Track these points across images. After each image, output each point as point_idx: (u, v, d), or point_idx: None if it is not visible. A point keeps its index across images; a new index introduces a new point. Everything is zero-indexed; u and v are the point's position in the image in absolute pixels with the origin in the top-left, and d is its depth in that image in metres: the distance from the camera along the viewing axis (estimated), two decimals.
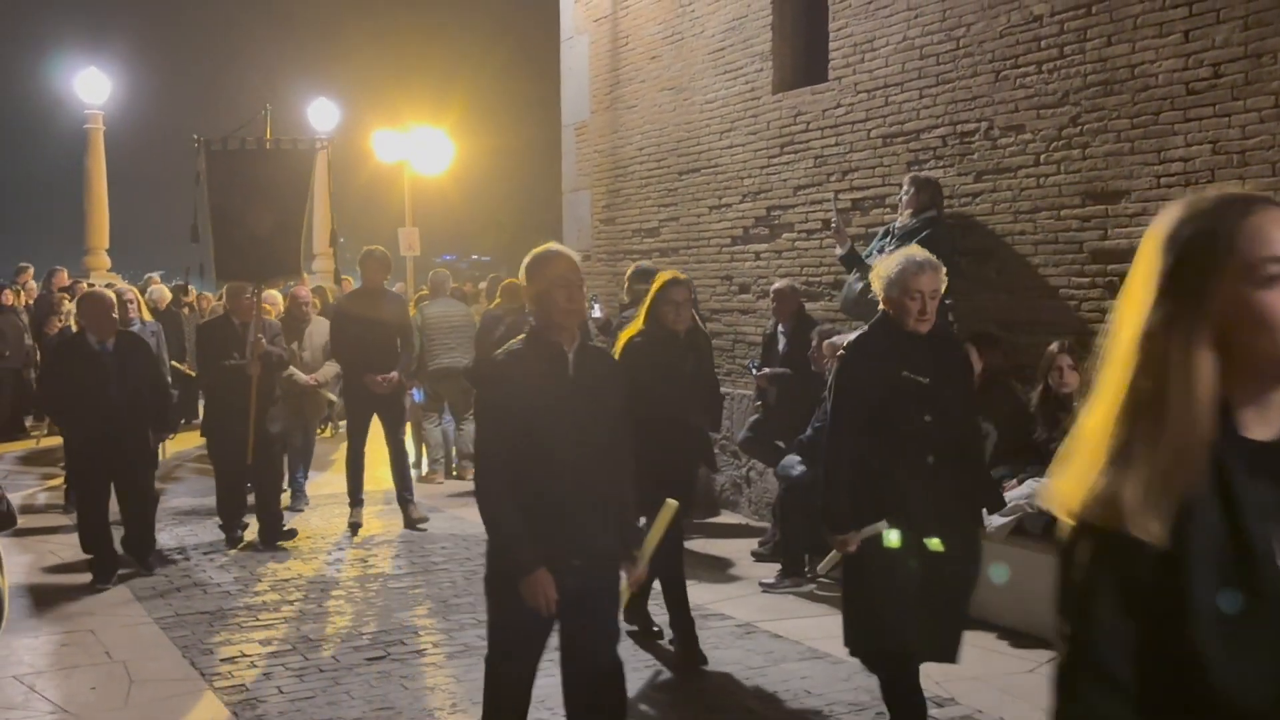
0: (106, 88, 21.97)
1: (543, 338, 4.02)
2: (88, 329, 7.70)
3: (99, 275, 19.26)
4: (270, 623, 6.80)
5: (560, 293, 3.93)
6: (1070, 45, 7.09)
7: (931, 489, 4.46)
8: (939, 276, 4.54)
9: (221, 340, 8.78)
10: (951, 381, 4.60)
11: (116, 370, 7.62)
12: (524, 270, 4.06)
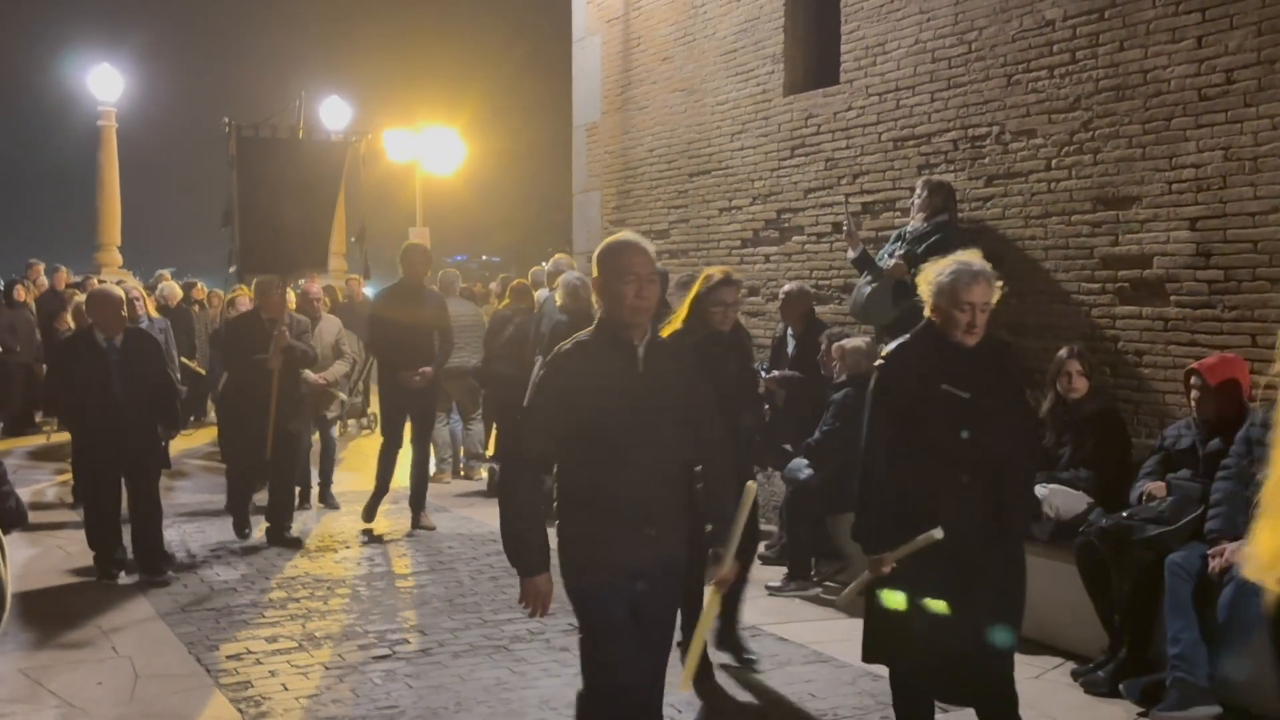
0: (120, 85, 22.04)
1: (611, 331, 3.81)
2: (96, 326, 7.65)
3: (110, 272, 19.34)
4: (276, 620, 6.81)
5: (629, 288, 3.73)
6: (1082, 50, 7.07)
7: (965, 510, 4.19)
8: (992, 288, 4.28)
9: (249, 337, 8.68)
10: (996, 396, 4.31)
11: (123, 368, 7.55)
12: (594, 260, 3.85)
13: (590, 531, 3.76)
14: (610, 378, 3.73)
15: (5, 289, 15.62)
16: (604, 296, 3.83)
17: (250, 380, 8.56)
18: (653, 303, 3.80)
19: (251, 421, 8.54)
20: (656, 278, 3.83)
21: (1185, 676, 5.14)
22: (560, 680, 5.78)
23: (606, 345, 3.79)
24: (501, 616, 6.88)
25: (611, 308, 3.79)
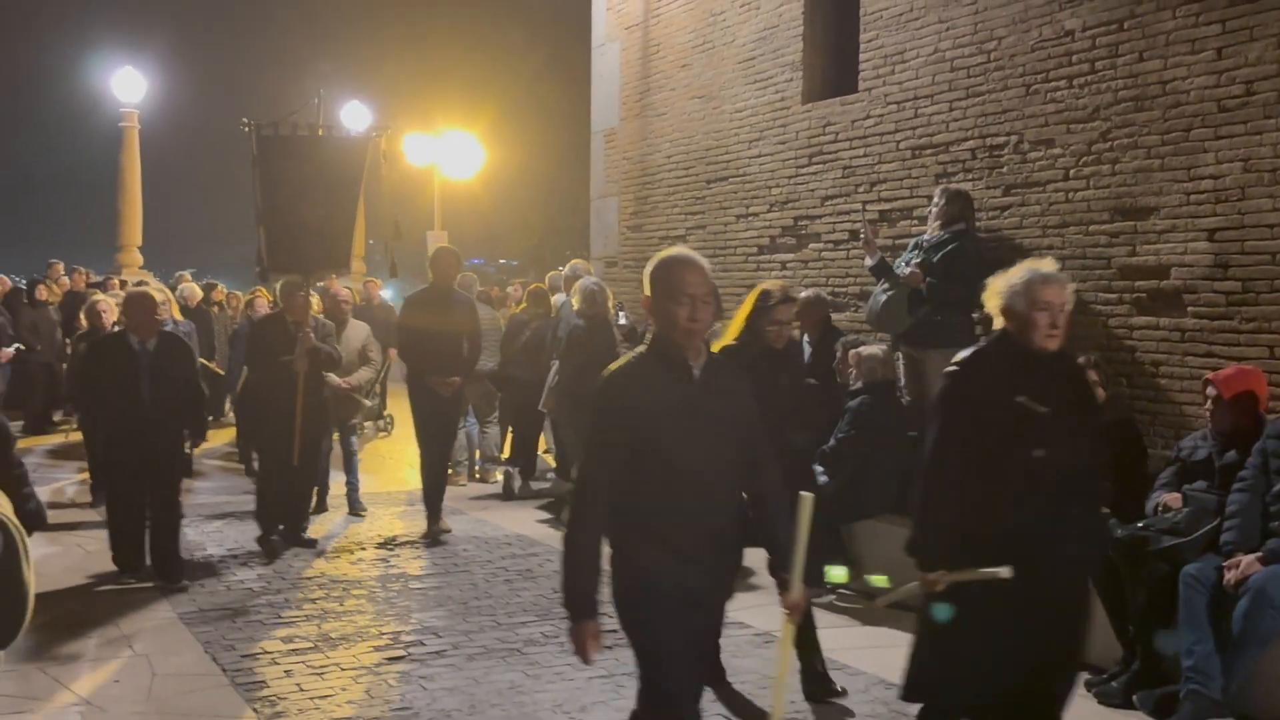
0: (142, 87, 22.19)
1: (664, 350, 3.61)
2: (130, 328, 7.63)
3: (130, 273, 19.45)
4: (292, 620, 6.85)
5: (682, 310, 3.53)
6: (1101, 60, 7.07)
7: (1037, 535, 3.97)
8: (1068, 292, 4.10)
9: (273, 339, 8.53)
10: (1075, 412, 4.10)
11: (153, 370, 7.50)
12: (646, 276, 3.65)
13: (647, 558, 3.57)
14: (666, 399, 3.55)
15: (28, 288, 15.74)
16: (656, 316, 3.63)
17: (273, 383, 8.42)
18: (706, 325, 3.61)
19: (276, 427, 8.41)
20: (711, 298, 3.63)
21: (1199, 689, 5.13)
22: (574, 684, 5.81)
23: (661, 365, 3.60)
24: (516, 619, 6.90)
25: (663, 328, 3.61)
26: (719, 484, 3.61)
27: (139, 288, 8.70)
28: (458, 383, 9.02)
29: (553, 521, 9.66)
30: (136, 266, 20.87)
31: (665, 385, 3.57)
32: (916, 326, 7.66)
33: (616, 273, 12.03)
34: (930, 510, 4.17)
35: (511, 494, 10.71)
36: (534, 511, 10.04)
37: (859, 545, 7.52)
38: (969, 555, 3.98)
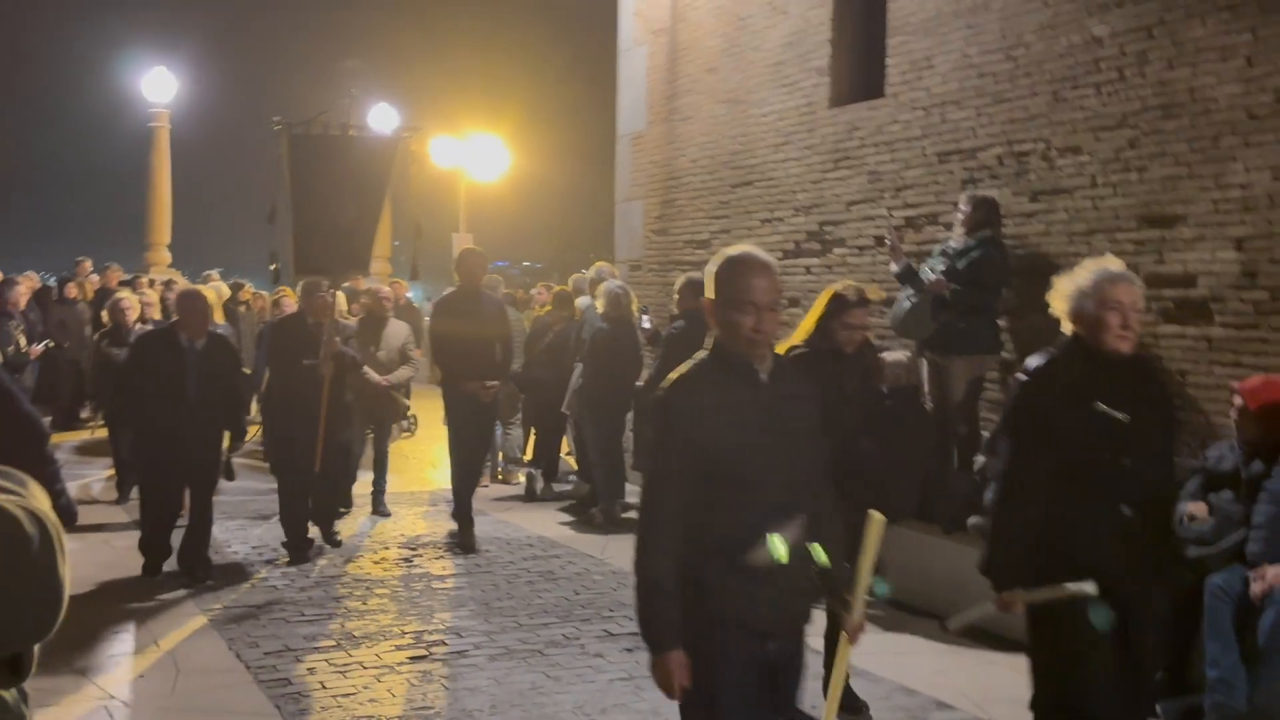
0: (173, 87, 22.36)
1: (727, 356, 3.32)
2: (180, 326, 7.57)
3: (159, 271, 19.61)
4: (315, 618, 6.89)
5: (747, 318, 3.24)
6: (1130, 68, 7.05)
7: (1126, 547, 3.80)
8: (1138, 291, 3.94)
9: (295, 340, 8.37)
10: (1154, 416, 3.93)
11: (200, 371, 7.47)
12: (710, 275, 3.37)
13: (715, 583, 3.23)
14: (734, 408, 3.27)
15: (58, 286, 15.88)
16: (718, 321, 3.34)
17: (296, 385, 8.25)
18: (772, 335, 3.32)
19: (300, 432, 8.21)
20: (778, 305, 3.36)
21: (1224, 700, 5.11)
22: (594, 686, 5.82)
23: (725, 372, 3.32)
24: (537, 621, 6.93)
25: (726, 335, 3.32)
26: (791, 500, 3.31)
27: (192, 286, 8.84)
28: (496, 387, 8.92)
29: (575, 524, 9.68)
30: (164, 265, 21.04)
31: (730, 394, 3.29)
32: (940, 332, 7.65)
33: (641, 276, 12.05)
34: (1005, 526, 3.99)
35: (534, 495, 10.74)
36: (556, 513, 10.07)
37: (883, 552, 7.49)
38: (1052, 573, 3.80)
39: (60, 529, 1.38)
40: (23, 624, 1.31)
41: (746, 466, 3.23)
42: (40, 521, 1.33)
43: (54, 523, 1.37)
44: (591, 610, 7.18)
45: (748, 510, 3.24)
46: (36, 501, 1.40)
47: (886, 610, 7.23)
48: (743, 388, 3.30)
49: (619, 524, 9.56)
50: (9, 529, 1.28)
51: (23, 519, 1.31)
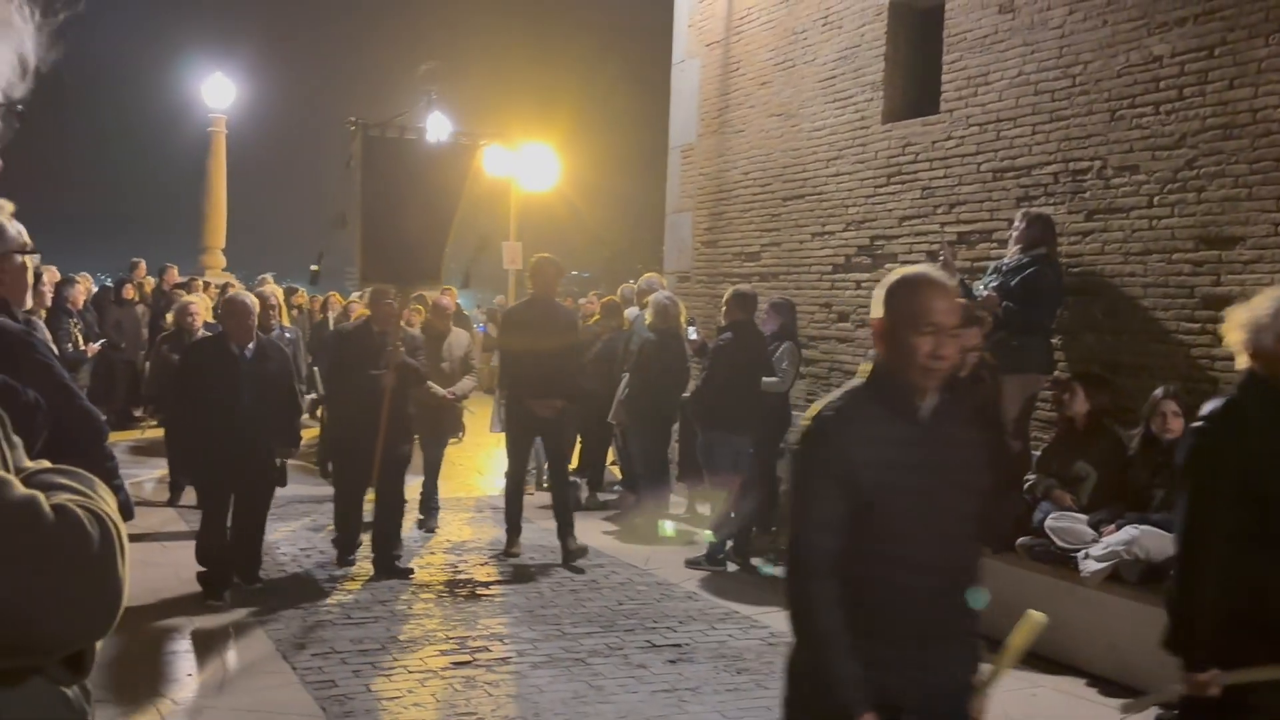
0: (231, 93, 22.67)
1: (887, 387, 2.94)
2: (228, 333, 7.40)
3: (214, 274, 19.86)
4: (362, 621, 6.94)
5: (924, 341, 2.86)
6: (1190, 87, 6.98)
7: None
8: None
9: (360, 349, 8.07)
10: None
11: (252, 379, 7.27)
12: (881, 295, 2.98)
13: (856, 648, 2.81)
14: (892, 449, 2.89)
15: (115, 287, 16.13)
16: (888, 344, 2.95)
17: (359, 395, 7.96)
18: (952, 362, 2.95)
19: (359, 443, 7.94)
20: (959, 331, 2.99)
21: None
22: (637, 697, 5.82)
23: (883, 404, 2.94)
24: (580, 630, 6.94)
25: (896, 360, 2.93)
26: (952, 556, 2.93)
27: (236, 291, 8.43)
28: (558, 406, 8.60)
29: (619, 533, 9.69)
30: (220, 268, 21.30)
31: (888, 430, 2.92)
32: (993, 350, 7.59)
33: (689, 287, 12.06)
34: (1194, 597, 3.53)
35: (579, 505, 10.75)
36: (601, 523, 10.09)
37: None
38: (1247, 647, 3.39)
39: (122, 529, 1.41)
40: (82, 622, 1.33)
41: (897, 516, 2.86)
42: (102, 522, 1.36)
43: (116, 523, 1.40)
44: (635, 620, 7.18)
45: (898, 568, 2.86)
46: (101, 502, 1.43)
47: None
48: (902, 424, 2.93)
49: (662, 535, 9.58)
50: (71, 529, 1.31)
51: (85, 519, 1.33)
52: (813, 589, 2.86)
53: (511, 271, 19.30)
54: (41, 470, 1.49)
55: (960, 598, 2.96)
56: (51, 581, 1.27)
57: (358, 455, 7.96)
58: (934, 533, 2.88)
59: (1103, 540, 6.40)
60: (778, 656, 6.46)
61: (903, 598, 2.85)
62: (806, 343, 10.06)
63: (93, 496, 1.43)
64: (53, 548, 1.27)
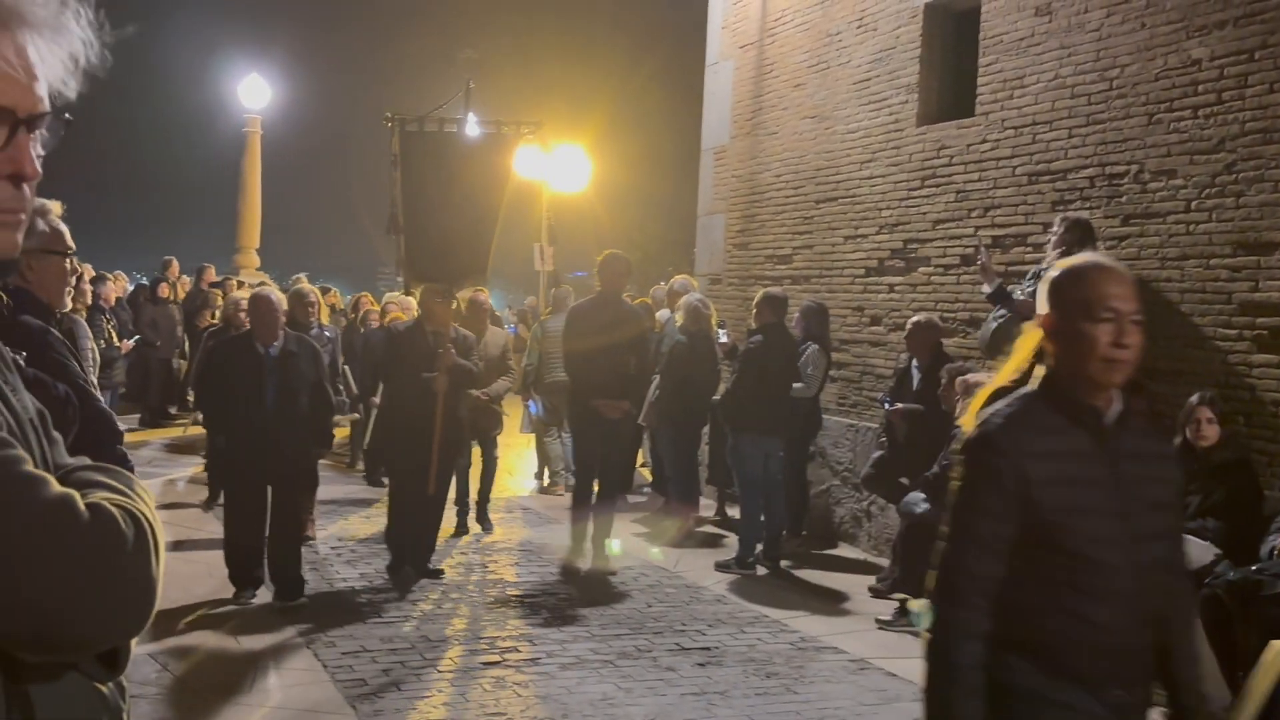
0: (267, 94, 22.83)
1: (1065, 393, 2.62)
2: (254, 331, 7.26)
3: (248, 274, 19.99)
4: (392, 620, 6.97)
5: (1102, 329, 2.53)
6: (1229, 91, 6.90)
7: None
8: None
9: (412, 350, 7.80)
10: None
11: (278, 377, 7.09)
12: (1046, 289, 2.69)
13: (1028, 687, 2.55)
14: (1074, 463, 2.56)
15: (150, 286, 16.27)
16: (1061, 342, 2.63)
17: (410, 400, 7.74)
18: (1135, 356, 2.59)
19: (411, 449, 7.72)
20: (1141, 322, 2.61)
21: None
22: (665, 700, 5.82)
23: (1061, 415, 2.60)
24: (610, 631, 6.94)
25: (1072, 358, 2.60)
26: (1143, 588, 2.58)
27: (261, 288, 8.16)
28: (625, 407, 8.39)
29: (648, 535, 9.68)
30: (254, 268, 21.45)
31: (1068, 444, 2.59)
32: None
33: (720, 290, 12.04)
34: None
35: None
36: (630, 524, 10.08)
37: None
38: None
39: (158, 529, 1.42)
40: (115, 621, 1.34)
41: (1085, 543, 2.53)
42: (137, 521, 1.37)
43: (151, 522, 1.41)
44: (664, 623, 7.17)
45: (1081, 601, 2.53)
46: (138, 501, 1.43)
47: None
48: (1083, 435, 2.60)
49: (692, 536, 9.56)
50: (105, 528, 1.32)
51: (119, 518, 1.34)
52: (955, 617, 2.58)
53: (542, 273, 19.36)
54: (80, 467, 1.50)
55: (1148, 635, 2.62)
56: (84, 580, 1.28)
57: (411, 462, 7.75)
58: (1128, 558, 2.55)
59: None
60: (807, 661, 6.47)
61: (1096, 632, 2.53)
62: (839, 346, 10.02)
63: (130, 495, 1.44)
64: (86, 547, 1.28)
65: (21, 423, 1.42)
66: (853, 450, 9.85)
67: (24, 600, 1.24)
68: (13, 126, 1.35)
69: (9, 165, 1.36)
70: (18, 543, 1.23)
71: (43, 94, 1.38)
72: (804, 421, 9.38)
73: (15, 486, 1.26)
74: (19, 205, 1.39)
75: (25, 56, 1.35)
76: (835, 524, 10.00)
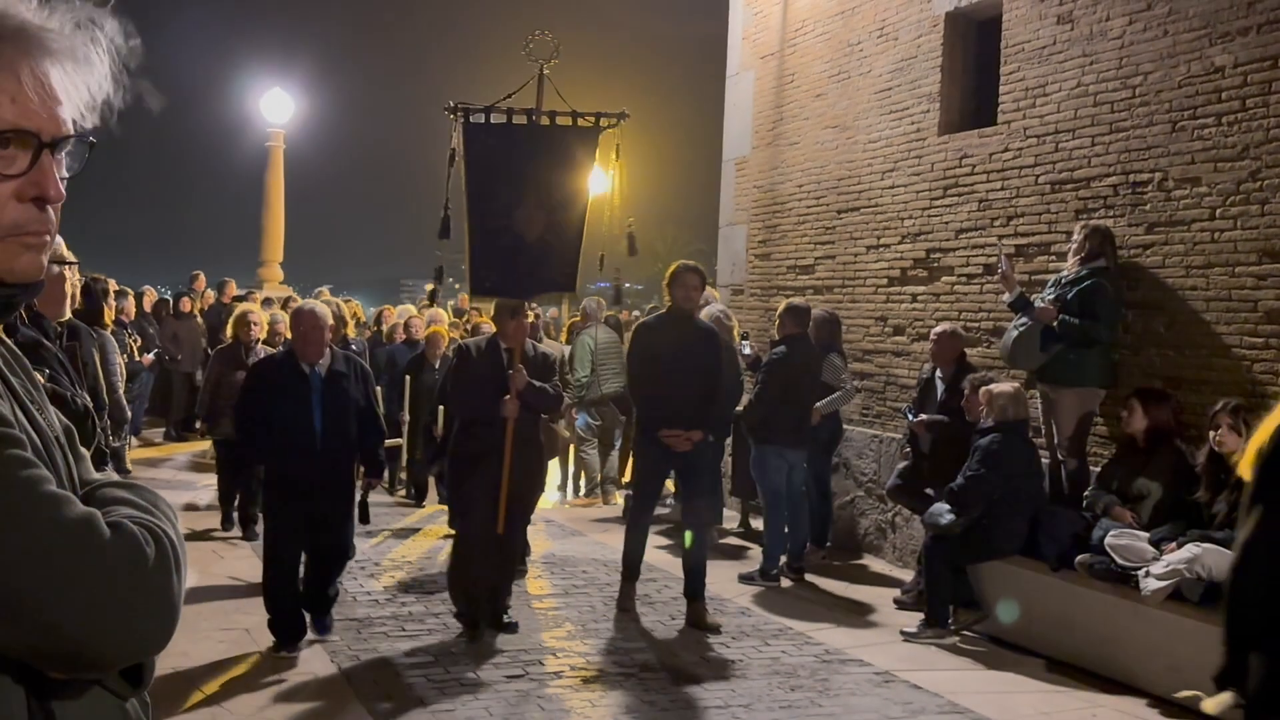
0: (290, 108, 22.96)
1: None
2: (298, 350, 6.56)
3: (272, 287, 20.09)
4: (415, 634, 6.97)
5: None
6: (1253, 98, 6.86)
7: None
8: None
9: (485, 371, 6.98)
10: None
11: (326, 400, 6.47)
12: None
13: None
14: None
15: (173, 300, 16.37)
16: None
17: (478, 427, 6.98)
18: None
19: (481, 485, 6.87)
20: None
21: None
22: (690, 713, 5.80)
23: None
24: (633, 644, 6.92)
25: None
26: None
27: (307, 301, 7.45)
28: (697, 437, 7.46)
29: (671, 548, 9.66)
30: (277, 281, 21.57)
31: None
32: (1051, 364, 7.51)
33: (743, 300, 12.02)
34: None
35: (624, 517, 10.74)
36: (653, 536, 10.05)
37: (986, 586, 7.37)
38: None
39: (180, 547, 1.43)
40: (137, 639, 1.36)
41: None
42: (158, 540, 1.39)
43: (173, 541, 1.42)
44: (688, 636, 7.15)
45: None
46: (162, 519, 1.45)
47: (990, 647, 7.10)
48: None
49: (715, 548, 9.54)
50: (126, 547, 1.34)
51: (141, 537, 1.36)
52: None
53: None
54: (105, 484, 1.52)
55: None
56: (105, 598, 1.29)
57: (478, 497, 6.88)
58: None
59: (1164, 558, 6.29)
60: (832, 674, 6.44)
61: None
62: (861, 357, 9.99)
63: (154, 513, 1.46)
64: (108, 565, 1.30)
65: (47, 441, 1.43)
66: (877, 461, 9.82)
67: (47, 618, 1.26)
68: (37, 150, 1.38)
69: (34, 188, 1.39)
70: (41, 561, 1.25)
71: (66, 118, 1.41)
72: (826, 432, 9.35)
73: (39, 505, 1.28)
74: (44, 227, 1.42)
75: (48, 82, 1.38)
76: (860, 535, 9.95)
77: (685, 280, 7.54)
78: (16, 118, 1.35)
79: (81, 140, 1.45)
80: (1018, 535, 7.23)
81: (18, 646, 1.27)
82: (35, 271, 1.43)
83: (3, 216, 1.37)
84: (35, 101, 1.37)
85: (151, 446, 14.46)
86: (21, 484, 1.27)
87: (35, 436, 1.39)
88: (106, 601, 1.29)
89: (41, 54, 1.37)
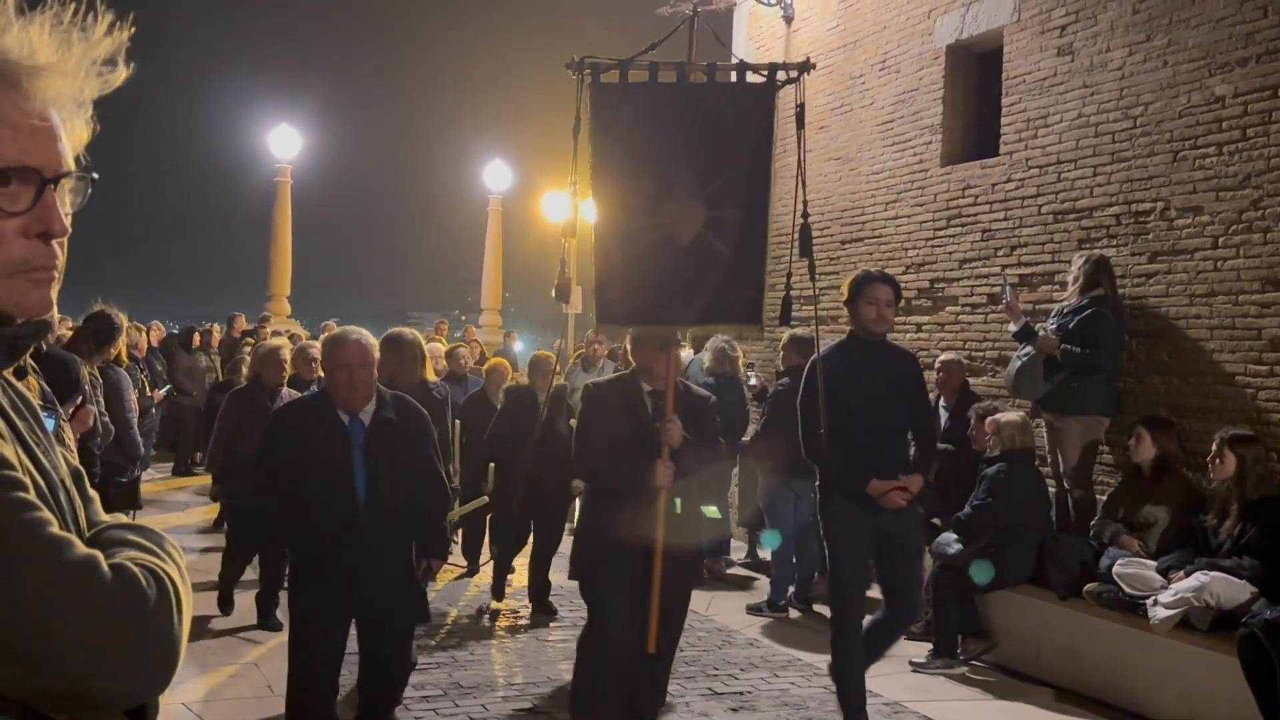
0: (297, 144, 23.11)
1: None
2: (334, 395, 4.79)
3: (279, 321, 20.16)
4: (424, 667, 6.96)
5: None
6: (1254, 128, 6.90)
7: None
8: None
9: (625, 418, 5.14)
10: None
11: (373, 457, 4.74)
12: None
13: None
14: None
15: (183, 335, 16.44)
16: None
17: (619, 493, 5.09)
18: None
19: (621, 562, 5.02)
20: None
21: None
22: None
23: None
24: None
25: None
26: None
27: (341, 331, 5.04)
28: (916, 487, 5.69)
29: None
30: (285, 315, 21.65)
31: None
32: (1055, 393, 7.52)
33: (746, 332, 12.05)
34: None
35: None
36: None
37: (995, 617, 7.36)
38: None
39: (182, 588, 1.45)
40: (138, 680, 1.37)
41: None
42: (160, 580, 1.40)
43: (175, 582, 1.43)
44: (696, 668, 7.14)
45: None
46: (165, 560, 1.46)
47: (999, 677, 7.07)
48: None
49: (723, 580, 9.52)
50: (127, 589, 1.35)
51: (142, 578, 1.37)
52: None
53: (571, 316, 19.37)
54: (111, 526, 1.54)
55: None
56: (105, 640, 1.31)
57: (621, 609, 5.07)
58: None
59: (1172, 586, 6.28)
60: None
61: None
62: None
63: (159, 554, 1.47)
64: (107, 607, 1.31)
65: (52, 483, 1.45)
66: None
67: (49, 659, 1.27)
68: (40, 186, 1.39)
69: (39, 224, 1.40)
70: (42, 603, 1.27)
71: (67, 153, 1.43)
72: None
73: (39, 548, 1.29)
74: (50, 262, 1.43)
75: (49, 119, 1.40)
76: None
77: (874, 294, 5.86)
78: (18, 154, 1.37)
79: (83, 176, 1.47)
80: (1027, 564, 7.23)
81: (20, 688, 1.28)
82: (44, 307, 1.45)
83: (9, 253, 1.38)
84: (38, 138, 1.38)
85: (159, 481, 14.48)
86: (23, 527, 1.28)
87: (40, 479, 1.41)
88: (106, 642, 1.30)
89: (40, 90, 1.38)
